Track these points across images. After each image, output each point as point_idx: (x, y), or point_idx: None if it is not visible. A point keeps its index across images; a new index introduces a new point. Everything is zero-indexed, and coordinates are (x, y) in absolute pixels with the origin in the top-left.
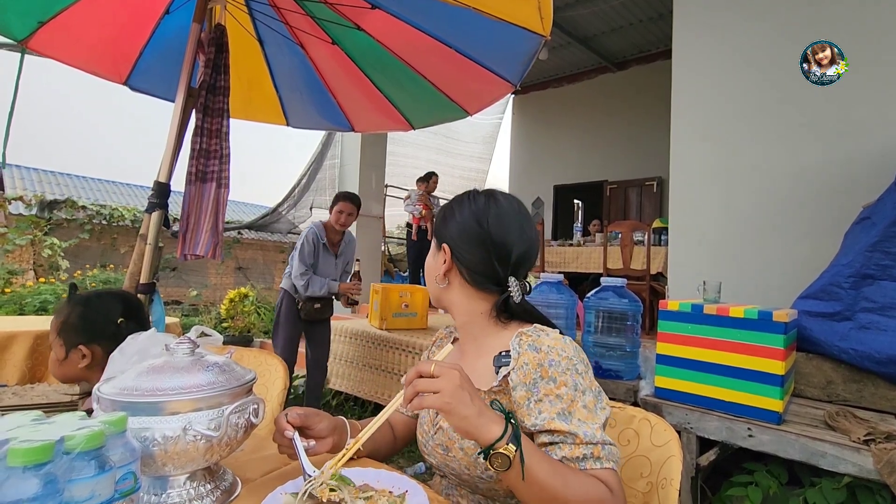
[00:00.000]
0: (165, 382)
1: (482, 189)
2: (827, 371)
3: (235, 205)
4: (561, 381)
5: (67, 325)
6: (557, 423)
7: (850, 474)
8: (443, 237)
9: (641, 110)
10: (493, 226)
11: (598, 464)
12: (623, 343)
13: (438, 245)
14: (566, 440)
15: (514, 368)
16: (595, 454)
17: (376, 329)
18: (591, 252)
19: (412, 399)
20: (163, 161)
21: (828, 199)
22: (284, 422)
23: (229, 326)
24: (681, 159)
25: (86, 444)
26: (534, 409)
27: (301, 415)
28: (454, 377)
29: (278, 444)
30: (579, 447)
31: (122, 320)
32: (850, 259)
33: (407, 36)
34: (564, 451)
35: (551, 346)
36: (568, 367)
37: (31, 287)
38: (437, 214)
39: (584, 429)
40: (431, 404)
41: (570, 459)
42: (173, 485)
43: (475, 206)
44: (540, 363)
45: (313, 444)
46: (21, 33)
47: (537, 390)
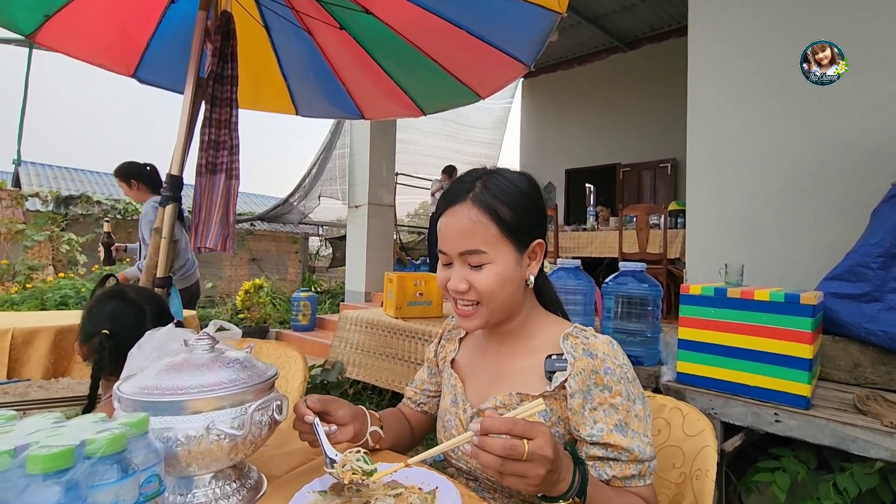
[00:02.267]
0: (186, 380)
1: (499, 167)
2: (854, 354)
3: (247, 196)
4: (616, 391)
5: (83, 315)
6: (616, 436)
7: (882, 459)
8: (531, 231)
9: (655, 91)
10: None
11: (643, 481)
12: (644, 328)
13: (524, 244)
14: (620, 457)
15: (571, 375)
16: (642, 473)
17: (391, 318)
18: (606, 236)
19: (495, 471)
20: (174, 153)
21: (854, 176)
22: (304, 407)
23: (245, 317)
24: (698, 139)
25: (107, 448)
26: (588, 419)
27: (320, 400)
28: (547, 465)
29: (299, 430)
30: (630, 466)
31: (106, 333)
32: (879, 238)
33: (416, 18)
34: (615, 471)
35: (606, 353)
36: (622, 375)
37: (52, 282)
38: (509, 209)
39: (638, 442)
40: (515, 486)
41: (619, 479)
42: (198, 484)
43: (526, 184)
44: (595, 370)
45: (335, 430)
46: (28, 27)
47: (591, 398)
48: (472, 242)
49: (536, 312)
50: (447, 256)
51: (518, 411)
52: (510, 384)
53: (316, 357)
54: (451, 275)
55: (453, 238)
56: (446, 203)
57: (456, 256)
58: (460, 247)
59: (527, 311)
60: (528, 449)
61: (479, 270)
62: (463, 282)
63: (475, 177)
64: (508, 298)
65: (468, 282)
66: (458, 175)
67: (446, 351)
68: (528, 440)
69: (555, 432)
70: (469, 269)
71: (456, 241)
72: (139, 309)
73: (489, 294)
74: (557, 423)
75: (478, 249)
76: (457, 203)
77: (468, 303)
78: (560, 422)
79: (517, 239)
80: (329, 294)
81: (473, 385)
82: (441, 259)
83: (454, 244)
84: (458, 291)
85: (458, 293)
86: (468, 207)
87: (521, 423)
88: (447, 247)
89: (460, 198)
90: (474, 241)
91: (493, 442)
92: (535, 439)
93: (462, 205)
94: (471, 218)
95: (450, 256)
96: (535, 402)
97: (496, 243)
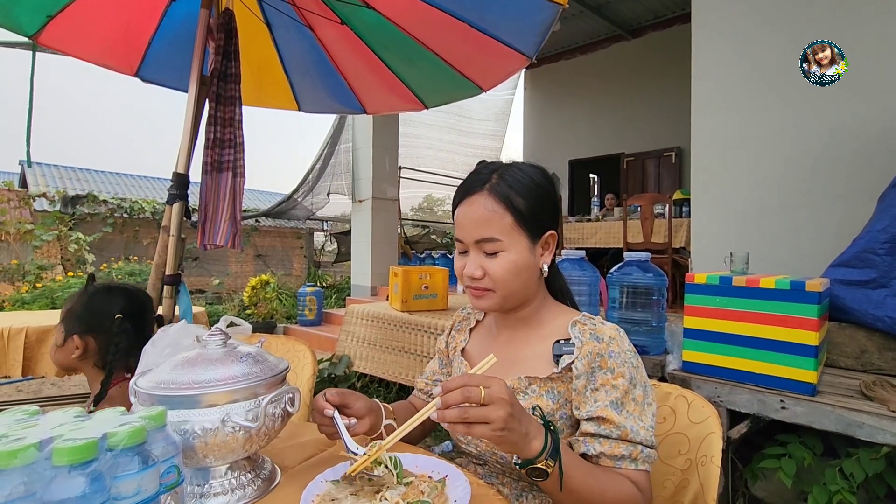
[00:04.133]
0: (201, 375)
1: (513, 160)
2: (861, 340)
3: (251, 193)
4: (619, 373)
5: (70, 312)
6: (610, 412)
7: (888, 444)
8: (544, 222)
9: (658, 79)
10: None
11: (634, 465)
12: (649, 318)
13: (538, 234)
14: (611, 434)
15: (578, 357)
16: (633, 456)
17: (398, 311)
18: (611, 227)
19: (457, 423)
20: (180, 152)
21: (860, 162)
22: (323, 401)
23: (253, 313)
24: (702, 127)
25: (128, 441)
26: (590, 398)
27: (339, 393)
28: (506, 406)
29: (318, 423)
30: (620, 445)
31: (120, 317)
32: (886, 224)
33: (417, 12)
34: (604, 448)
35: (612, 338)
36: (625, 359)
37: (61, 281)
38: (524, 200)
39: (632, 423)
40: (482, 435)
41: (609, 457)
42: (214, 475)
43: (541, 176)
44: (600, 353)
45: (354, 423)
46: (31, 28)
47: (594, 379)
48: (488, 231)
49: (548, 302)
50: (463, 244)
51: (475, 369)
52: (520, 369)
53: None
54: (466, 262)
55: (470, 226)
56: (463, 193)
57: (472, 244)
58: (476, 235)
59: (539, 301)
60: (485, 394)
61: (493, 258)
62: (478, 269)
63: (492, 169)
64: (522, 286)
65: (483, 269)
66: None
67: (456, 341)
68: (483, 387)
69: (561, 414)
70: (484, 256)
71: (472, 230)
72: (143, 297)
73: (503, 281)
74: (564, 405)
75: (493, 237)
76: (474, 193)
77: (482, 290)
78: (567, 404)
79: (531, 229)
80: (335, 289)
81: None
82: (457, 247)
83: (470, 232)
84: (472, 278)
85: (473, 280)
86: (485, 197)
87: (476, 376)
88: (464, 235)
89: (477, 188)
90: (490, 230)
91: (452, 395)
92: (490, 387)
93: (479, 195)
94: (487, 207)
95: (466, 244)
96: (487, 357)
97: (511, 232)
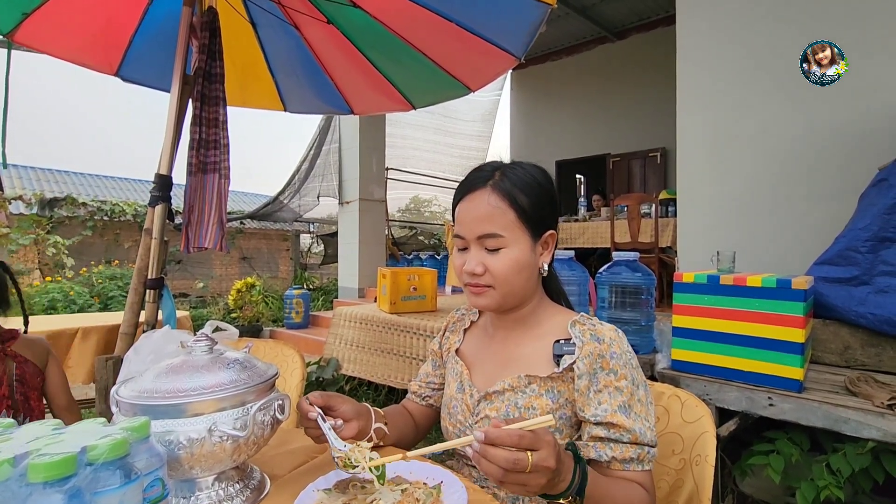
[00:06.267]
0: (186, 383)
1: (514, 160)
2: (844, 336)
3: (235, 195)
4: (621, 374)
5: None
6: (620, 416)
7: (874, 439)
8: (545, 221)
9: (643, 80)
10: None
11: (641, 466)
12: (638, 317)
13: (539, 233)
14: (622, 438)
15: (579, 358)
16: (641, 457)
17: (386, 313)
18: (598, 227)
19: (496, 479)
20: (162, 153)
21: (841, 161)
22: (307, 404)
23: (238, 316)
24: (687, 127)
25: (109, 454)
26: (593, 400)
27: (323, 395)
28: (548, 474)
29: (304, 427)
30: (630, 448)
31: None
32: (868, 222)
33: (405, 11)
34: (615, 452)
35: (612, 339)
36: (626, 361)
37: (39, 286)
38: (527, 198)
39: (640, 425)
40: (516, 493)
41: (619, 460)
42: (201, 487)
43: (542, 176)
44: (601, 354)
45: (340, 424)
46: (6, 26)
47: (597, 381)
48: (491, 226)
49: (545, 302)
50: (464, 241)
51: (525, 424)
52: (518, 367)
53: (311, 354)
54: (466, 259)
55: (472, 222)
56: (465, 190)
57: (473, 240)
58: (478, 230)
59: (537, 300)
60: (532, 461)
61: (495, 255)
62: (479, 265)
63: (494, 167)
64: (522, 285)
65: (484, 265)
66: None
67: (450, 342)
68: (532, 451)
69: (561, 414)
70: (485, 252)
71: (474, 225)
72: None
73: (503, 278)
74: (565, 405)
75: (495, 233)
76: (476, 189)
77: (481, 287)
78: (567, 404)
79: (532, 227)
80: (322, 291)
81: (480, 371)
82: (457, 244)
83: (472, 228)
84: (473, 274)
85: (474, 276)
86: (488, 193)
87: (528, 437)
88: (465, 231)
89: (480, 184)
90: (493, 225)
91: (498, 453)
92: (539, 451)
93: (482, 191)
94: (490, 203)
95: (467, 241)
96: (544, 417)
97: (513, 229)
